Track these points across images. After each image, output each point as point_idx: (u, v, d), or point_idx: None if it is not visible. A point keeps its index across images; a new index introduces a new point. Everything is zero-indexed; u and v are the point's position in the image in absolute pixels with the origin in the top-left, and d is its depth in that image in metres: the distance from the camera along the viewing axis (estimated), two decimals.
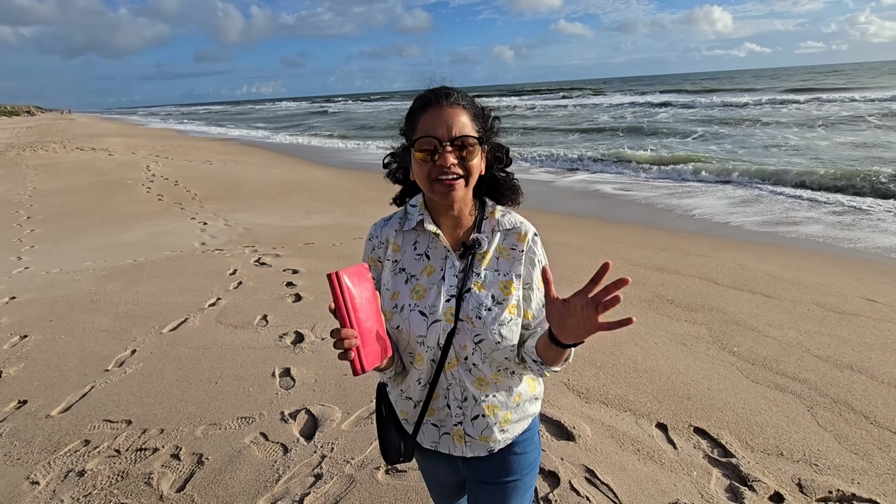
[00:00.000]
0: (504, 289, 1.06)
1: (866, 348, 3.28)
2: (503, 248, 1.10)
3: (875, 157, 10.75)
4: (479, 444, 1.12)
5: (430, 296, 1.07)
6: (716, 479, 2.16)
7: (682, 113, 24.10)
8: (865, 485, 2.12)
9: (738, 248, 5.70)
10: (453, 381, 1.08)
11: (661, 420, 2.59)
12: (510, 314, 1.05)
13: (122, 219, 7.93)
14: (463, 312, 1.04)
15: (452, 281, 1.07)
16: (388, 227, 1.14)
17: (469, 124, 1.01)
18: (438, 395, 1.10)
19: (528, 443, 1.18)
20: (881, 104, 21.76)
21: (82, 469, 2.28)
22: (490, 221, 1.11)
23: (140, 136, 26.78)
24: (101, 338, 3.71)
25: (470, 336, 1.05)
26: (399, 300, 1.09)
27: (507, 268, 1.09)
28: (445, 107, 1.00)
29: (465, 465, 1.18)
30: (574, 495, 2.05)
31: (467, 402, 1.10)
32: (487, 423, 1.10)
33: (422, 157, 1.00)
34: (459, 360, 1.07)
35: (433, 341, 1.05)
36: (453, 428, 1.12)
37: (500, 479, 1.16)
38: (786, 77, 53.73)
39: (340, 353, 0.89)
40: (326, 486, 2.13)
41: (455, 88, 1.04)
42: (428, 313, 1.06)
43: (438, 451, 1.16)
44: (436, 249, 1.10)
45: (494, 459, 1.16)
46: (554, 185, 10.23)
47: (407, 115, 1.08)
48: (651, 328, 3.65)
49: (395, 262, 1.12)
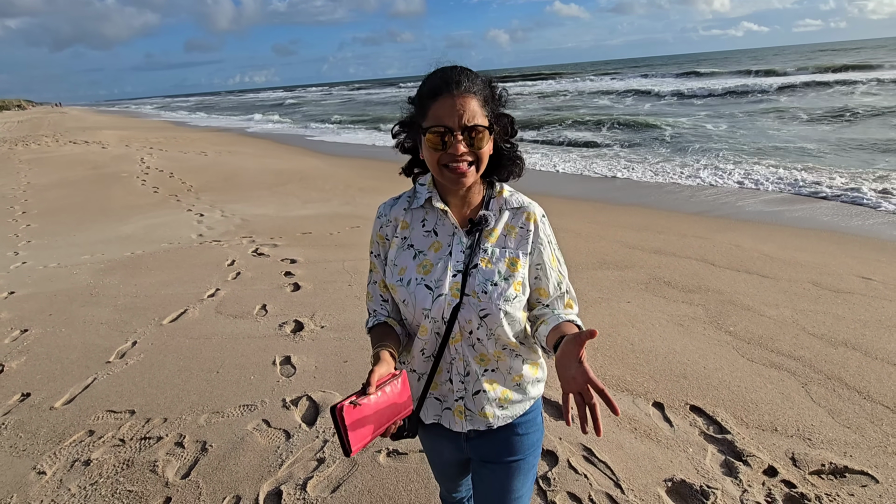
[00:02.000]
0: (511, 265, 1.08)
1: (861, 325, 3.31)
2: (511, 227, 1.12)
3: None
4: (478, 419, 1.15)
5: (437, 270, 1.08)
6: (711, 455, 2.20)
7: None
8: (857, 457, 2.16)
9: (735, 229, 5.72)
10: (457, 356, 1.10)
11: (657, 399, 2.63)
12: (515, 290, 1.07)
13: (118, 212, 7.90)
14: (469, 288, 1.06)
15: (459, 257, 1.09)
16: (396, 207, 1.16)
17: (479, 111, 1.01)
18: (442, 369, 1.13)
19: (531, 424, 1.20)
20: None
21: (88, 458, 2.31)
22: (498, 200, 1.13)
23: (133, 128, 26.52)
24: (102, 330, 3.73)
25: (475, 311, 1.06)
26: (406, 275, 1.11)
27: (514, 245, 1.10)
28: (456, 96, 1.00)
29: (469, 443, 1.20)
30: (573, 473, 2.09)
31: (469, 377, 1.12)
32: (487, 398, 1.13)
33: (433, 145, 1.01)
34: (464, 335, 1.09)
35: (438, 315, 1.07)
36: (454, 403, 1.14)
37: (503, 458, 1.18)
38: (809, 55, 51.71)
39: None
40: (329, 470, 2.17)
41: (465, 72, 1.03)
42: (434, 287, 1.07)
43: (441, 426, 1.18)
44: (444, 226, 1.12)
45: (497, 439, 1.18)
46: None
47: (417, 97, 1.07)
48: (648, 310, 3.68)
49: (403, 239, 1.14)
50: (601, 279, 4.28)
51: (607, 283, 4.20)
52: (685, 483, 2.03)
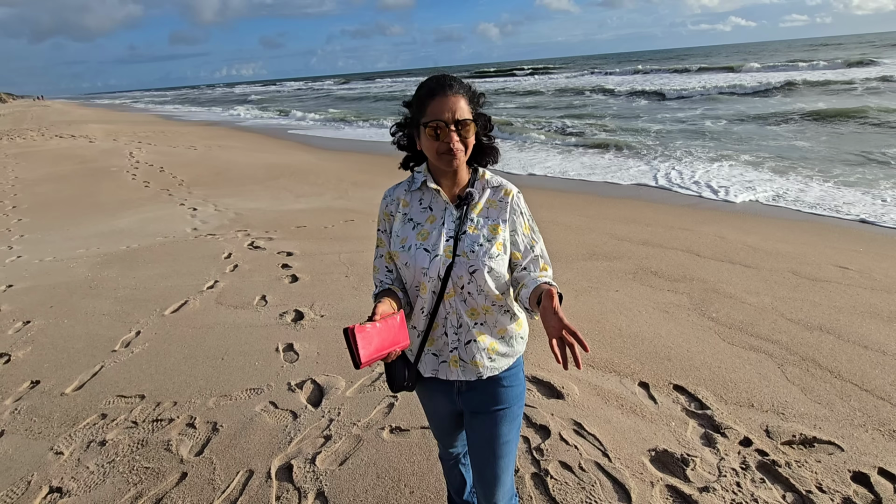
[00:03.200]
0: (493, 230, 1.31)
1: (835, 311, 3.51)
2: (492, 201, 1.34)
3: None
4: (470, 368, 1.33)
5: (433, 237, 1.30)
6: (692, 428, 2.36)
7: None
8: (826, 429, 2.34)
9: (720, 221, 5.91)
10: (451, 310, 1.30)
11: (643, 379, 2.79)
12: (497, 250, 1.29)
13: (110, 206, 7.90)
14: (460, 249, 1.28)
15: (451, 226, 1.31)
16: (398, 189, 1.39)
17: (466, 108, 1.25)
18: (438, 324, 1.32)
19: (514, 378, 1.39)
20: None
21: (103, 439, 2.41)
22: (481, 181, 1.35)
23: (120, 121, 26.18)
24: (105, 321, 3.80)
25: (465, 267, 1.27)
26: (407, 242, 1.32)
27: (495, 215, 1.33)
28: (449, 95, 1.23)
29: (460, 396, 1.39)
30: (564, 445, 2.24)
31: (462, 329, 1.31)
32: (478, 347, 1.32)
33: (431, 136, 1.24)
34: (456, 290, 1.29)
35: (434, 273, 1.27)
36: (449, 355, 1.33)
37: (491, 408, 1.37)
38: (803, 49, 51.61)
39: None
40: (336, 446, 2.30)
41: (455, 78, 1.28)
42: (431, 250, 1.29)
43: (437, 379, 1.37)
44: (437, 203, 1.34)
45: (485, 392, 1.36)
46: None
47: (415, 99, 1.29)
48: (635, 298, 3.84)
49: (404, 215, 1.36)
50: (591, 269, 4.44)
51: (597, 273, 4.36)
52: (667, 452, 2.20)
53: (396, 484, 2.08)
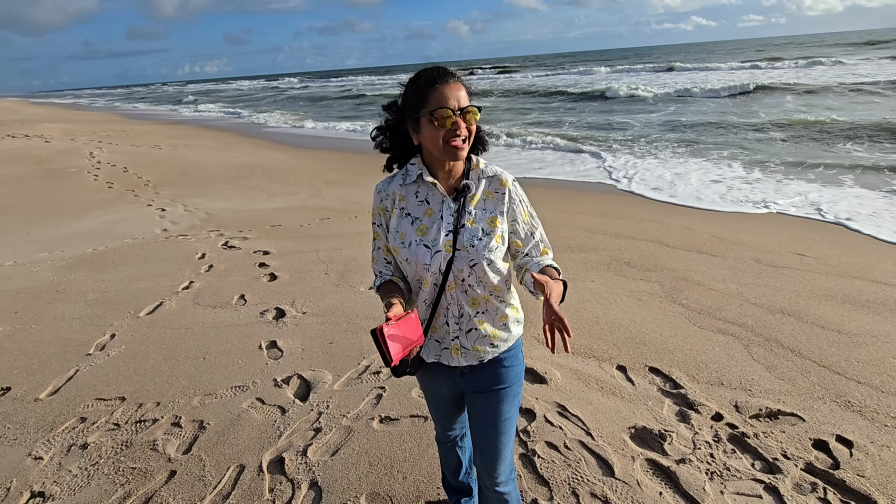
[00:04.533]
0: (491, 223, 1.32)
1: (795, 295, 3.73)
2: (488, 192, 1.35)
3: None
4: (472, 353, 1.37)
5: (432, 232, 1.31)
6: (667, 407, 2.50)
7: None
8: (789, 403, 2.51)
9: (687, 213, 6.17)
10: (452, 301, 1.33)
11: (620, 363, 2.91)
12: (496, 242, 1.31)
13: (71, 208, 7.60)
14: (459, 243, 1.29)
15: (449, 220, 1.31)
16: (393, 183, 1.37)
17: (467, 96, 1.25)
18: (440, 314, 1.35)
19: (514, 358, 1.44)
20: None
21: (84, 442, 2.36)
22: (476, 171, 1.35)
23: (77, 120, 25.01)
24: (76, 325, 3.69)
25: (466, 261, 1.29)
26: (406, 238, 1.33)
27: (492, 207, 1.34)
28: (452, 83, 1.23)
29: (463, 378, 1.43)
30: (549, 426, 2.34)
31: (463, 318, 1.34)
32: (479, 335, 1.36)
33: (439, 124, 1.22)
34: (457, 283, 1.32)
35: (436, 268, 1.30)
36: (451, 342, 1.37)
37: (492, 387, 1.42)
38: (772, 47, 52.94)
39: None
40: (326, 437, 2.32)
41: (450, 69, 1.27)
42: (431, 245, 1.30)
43: (440, 363, 1.41)
44: (434, 196, 1.34)
45: (487, 372, 1.41)
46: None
47: (414, 90, 1.25)
48: (610, 288, 3.99)
49: (401, 210, 1.35)
50: (567, 261, 4.57)
51: (573, 264, 4.50)
52: (646, 429, 2.32)
53: (389, 470, 2.12)
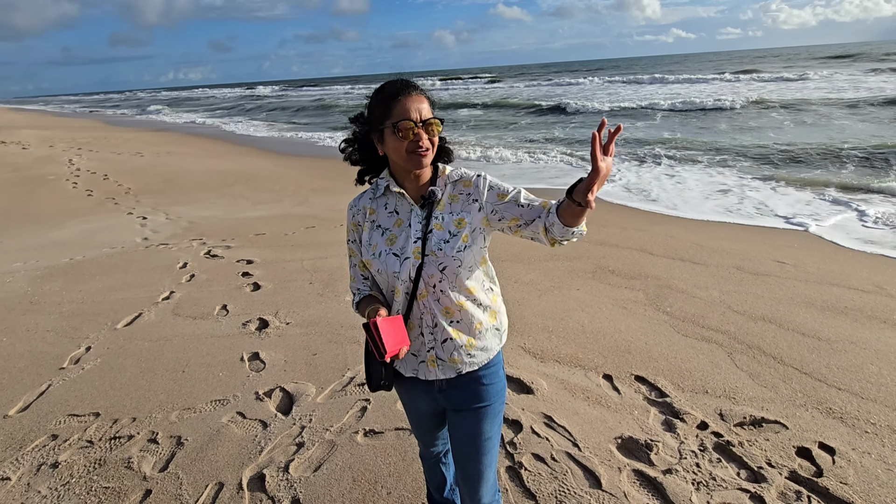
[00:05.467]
0: (458, 224, 1.32)
1: (776, 302, 3.78)
2: (454, 195, 1.36)
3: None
4: (449, 365, 1.35)
5: (401, 240, 1.33)
6: (653, 416, 2.50)
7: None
8: (772, 410, 2.53)
9: (669, 221, 6.24)
10: (425, 311, 1.32)
11: (606, 372, 2.91)
12: (464, 241, 1.31)
13: (48, 217, 7.41)
14: (428, 248, 1.30)
15: (417, 227, 1.32)
16: (363, 198, 1.41)
17: (429, 109, 1.28)
18: (413, 324, 1.34)
19: (494, 375, 1.41)
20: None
21: (55, 461, 2.27)
22: (442, 178, 1.37)
23: (56, 127, 24.50)
24: (49, 337, 3.57)
25: (435, 265, 1.29)
26: (377, 249, 1.34)
27: (458, 209, 1.34)
28: (415, 95, 1.27)
29: (442, 394, 1.40)
30: (535, 437, 2.31)
31: (437, 328, 1.33)
32: (455, 345, 1.34)
33: (402, 135, 1.24)
34: (429, 290, 1.31)
35: (406, 275, 1.30)
36: (427, 354, 1.35)
37: (472, 405, 1.39)
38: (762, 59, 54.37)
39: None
40: (309, 452, 2.26)
41: (414, 82, 1.31)
42: (399, 253, 1.31)
43: (417, 379, 1.39)
44: (402, 206, 1.36)
45: (467, 389, 1.38)
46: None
47: (379, 102, 1.28)
48: (595, 295, 4.00)
49: (372, 222, 1.38)
50: (553, 269, 4.58)
51: (558, 273, 4.51)
52: (632, 439, 2.31)
53: (373, 486, 2.07)
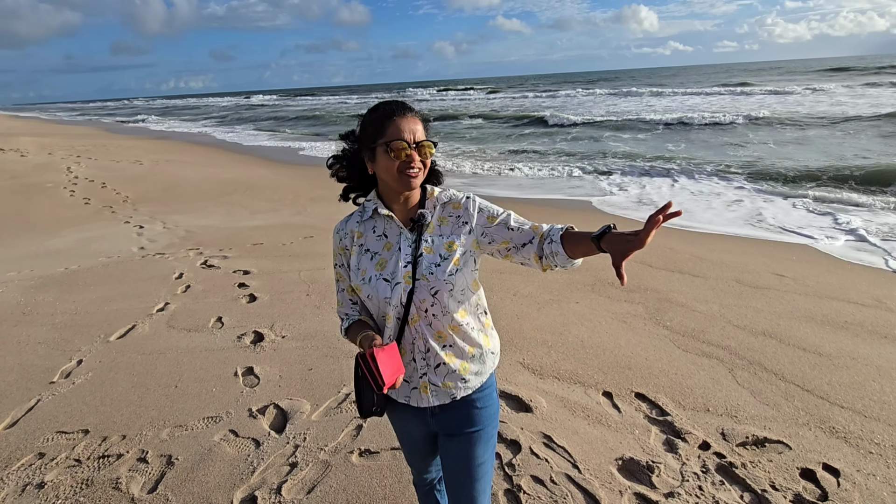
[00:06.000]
0: (448, 248, 1.30)
1: (776, 317, 3.75)
2: (443, 217, 1.34)
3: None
4: (443, 391, 1.32)
5: (391, 265, 1.30)
6: (655, 435, 2.45)
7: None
8: (775, 429, 2.49)
9: (668, 234, 6.22)
10: (417, 335, 1.29)
11: (606, 389, 2.87)
12: (455, 265, 1.28)
13: (45, 225, 7.37)
14: (419, 272, 1.27)
15: (407, 250, 1.30)
16: (350, 221, 1.38)
17: (423, 131, 1.28)
18: (405, 350, 1.31)
19: (488, 398, 1.38)
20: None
21: (41, 481, 2.21)
22: (431, 200, 1.35)
23: (56, 134, 24.54)
24: (40, 350, 3.51)
25: (427, 290, 1.26)
26: (366, 274, 1.31)
27: (448, 231, 1.32)
28: (409, 116, 1.26)
29: (434, 418, 1.37)
30: (535, 458, 2.26)
31: (430, 353, 1.30)
32: (448, 370, 1.31)
33: (394, 155, 1.23)
34: (421, 315, 1.28)
35: (397, 301, 1.27)
36: (419, 381, 1.32)
37: (465, 429, 1.36)
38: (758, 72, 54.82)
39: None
40: (302, 473, 2.21)
41: (409, 103, 1.30)
42: (390, 278, 1.28)
43: (410, 406, 1.35)
44: (391, 229, 1.33)
45: (459, 413, 1.35)
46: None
47: (372, 121, 1.27)
48: (595, 309, 3.96)
49: (360, 246, 1.35)
50: (552, 282, 4.54)
51: (557, 286, 4.47)
52: (633, 460, 2.26)
53: None
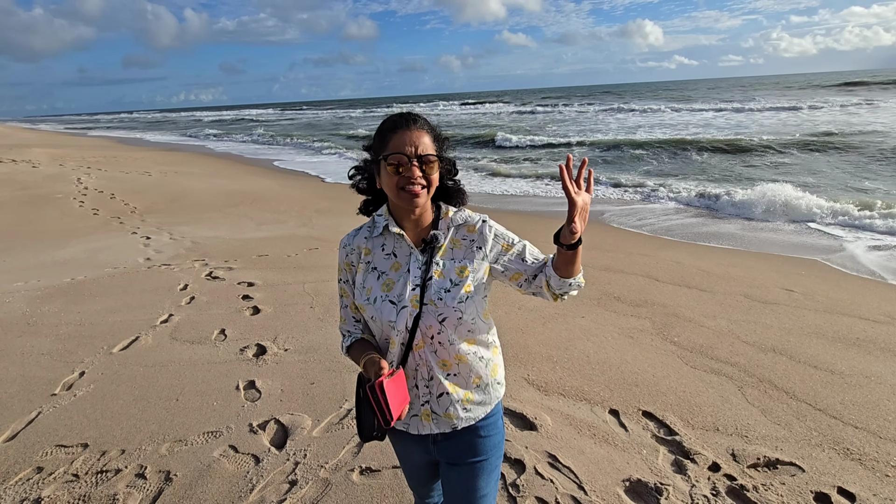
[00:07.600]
0: (460, 273, 1.24)
1: (786, 333, 3.68)
2: (456, 240, 1.28)
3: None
4: (444, 420, 1.27)
5: (398, 287, 1.24)
6: (663, 456, 2.39)
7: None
8: (787, 450, 2.42)
9: (675, 247, 6.17)
10: (420, 362, 1.24)
11: (613, 406, 2.81)
12: (466, 292, 1.23)
13: (53, 235, 7.43)
14: (427, 297, 1.21)
15: (416, 273, 1.24)
16: (358, 236, 1.32)
17: (430, 145, 1.21)
18: (408, 376, 1.25)
19: (492, 427, 1.32)
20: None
21: (38, 497, 2.18)
22: (445, 220, 1.29)
23: (67, 145, 24.91)
24: (44, 361, 3.51)
25: (434, 316, 1.21)
26: (372, 294, 1.26)
27: (461, 255, 1.27)
28: (413, 129, 1.20)
29: (436, 446, 1.32)
30: (539, 479, 2.21)
31: (433, 381, 1.25)
32: (451, 400, 1.25)
33: (392, 170, 1.18)
34: (426, 342, 1.23)
35: (402, 325, 1.21)
36: (421, 408, 1.27)
37: (468, 459, 1.30)
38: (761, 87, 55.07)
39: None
40: (302, 491, 2.17)
41: (420, 115, 1.25)
42: (396, 301, 1.22)
43: (409, 433, 1.30)
44: (401, 248, 1.27)
45: (462, 442, 1.30)
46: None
47: (377, 134, 1.24)
48: (600, 324, 3.91)
49: (367, 264, 1.29)
50: None
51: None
52: (641, 482, 2.20)
53: None
